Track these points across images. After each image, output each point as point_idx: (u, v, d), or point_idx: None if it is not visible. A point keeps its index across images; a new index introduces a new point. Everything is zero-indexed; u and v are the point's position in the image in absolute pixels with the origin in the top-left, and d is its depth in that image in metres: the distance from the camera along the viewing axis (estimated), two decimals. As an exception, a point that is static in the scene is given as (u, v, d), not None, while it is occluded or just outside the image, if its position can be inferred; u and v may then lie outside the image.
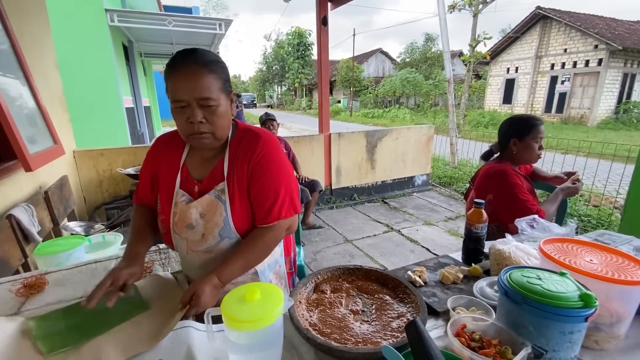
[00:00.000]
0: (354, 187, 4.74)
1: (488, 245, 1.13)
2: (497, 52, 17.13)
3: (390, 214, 4.26)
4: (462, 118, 10.21)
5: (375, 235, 3.62)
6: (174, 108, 0.87)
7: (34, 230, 1.70)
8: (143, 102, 8.09)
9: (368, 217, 4.17)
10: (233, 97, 0.95)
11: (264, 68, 34.15)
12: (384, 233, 3.69)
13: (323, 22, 3.98)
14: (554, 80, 15.25)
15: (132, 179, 3.05)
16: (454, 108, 6.68)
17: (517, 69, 16.74)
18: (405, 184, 5.16)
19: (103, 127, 5.19)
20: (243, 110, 9.17)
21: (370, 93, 24.25)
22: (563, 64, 14.79)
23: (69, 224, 2.22)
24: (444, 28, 6.18)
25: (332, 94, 27.40)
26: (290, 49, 27.89)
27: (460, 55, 13.57)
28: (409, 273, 1.06)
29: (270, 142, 0.96)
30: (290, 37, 27.76)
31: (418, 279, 1.03)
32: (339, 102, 26.67)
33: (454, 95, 6.78)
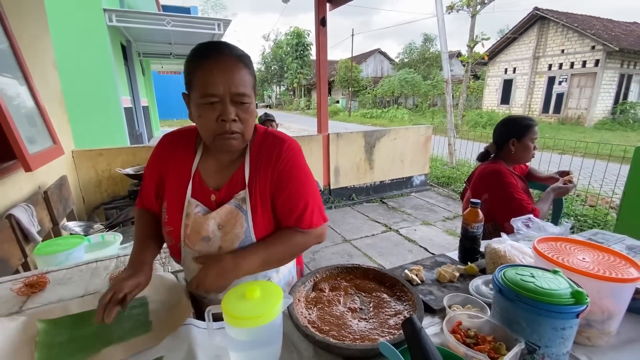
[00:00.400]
0: (353, 187, 4.75)
1: (484, 245, 1.14)
2: (495, 52, 17.18)
3: (389, 214, 4.28)
4: (460, 118, 10.23)
5: (374, 235, 3.63)
6: (202, 104, 0.77)
7: (34, 230, 1.70)
8: (141, 102, 8.08)
9: (366, 217, 4.18)
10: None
11: (263, 68, 34.06)
12: (382, 233, 3.70)
13: (322, 22, 4.00)
14: (552, 81, 15.31)
15: (130, 179, 3.05)
16: (452, 108, 6.71)
17: (514, 70, 16.79)
18: (404, 184, 5.18)
19: (101, 127, 5.19)
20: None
21: (369, 93, 24.25)
22: (560, 65, 14.86)
23: (68, 224, 2.22)
24: (442, 29, 6.20)
25: (330, 94, 27.36)
26: (289, 49, 27.84)
27: (459, 56, 13.58)
28: (406, 272, 1.08)
29: (296, 146, 0.90)
30: (289, 37, 27.71)
31: (415, 278, 1.04)
32: (338, 102, 26.65)
33: (452, 96, 6.80)
